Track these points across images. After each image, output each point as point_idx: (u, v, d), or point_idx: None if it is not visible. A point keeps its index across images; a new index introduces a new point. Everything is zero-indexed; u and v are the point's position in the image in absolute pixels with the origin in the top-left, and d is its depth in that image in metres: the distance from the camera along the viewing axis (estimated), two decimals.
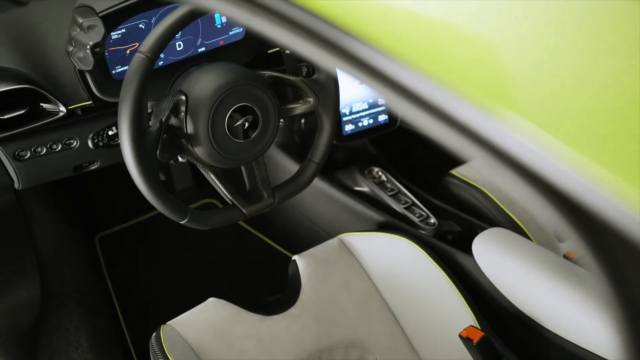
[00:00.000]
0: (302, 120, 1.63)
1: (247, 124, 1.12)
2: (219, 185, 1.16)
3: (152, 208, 2.06)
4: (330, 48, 0.47)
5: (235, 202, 1.16)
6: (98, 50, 1.06)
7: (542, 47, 0.41)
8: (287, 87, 1.28)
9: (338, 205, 1.63)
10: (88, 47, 1.05)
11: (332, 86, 1.20)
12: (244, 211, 1.16)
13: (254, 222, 2.00)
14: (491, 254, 1.28)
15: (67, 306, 1.58)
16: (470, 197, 1.55)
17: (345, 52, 0.46)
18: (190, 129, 1.08)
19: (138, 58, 0.99)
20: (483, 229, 1.44)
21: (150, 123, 1.06)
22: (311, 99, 1.19)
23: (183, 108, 1.07)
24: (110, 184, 2.06)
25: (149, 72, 1.00)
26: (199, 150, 1.10)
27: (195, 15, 1.02)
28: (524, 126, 0.41)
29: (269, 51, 1.37)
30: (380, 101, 1.61)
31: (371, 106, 1.61)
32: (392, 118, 1.64)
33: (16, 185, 1.27)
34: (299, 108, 1.20)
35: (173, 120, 1.08)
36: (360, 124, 1.61)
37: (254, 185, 1.20)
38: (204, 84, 1.08)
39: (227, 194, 1.16)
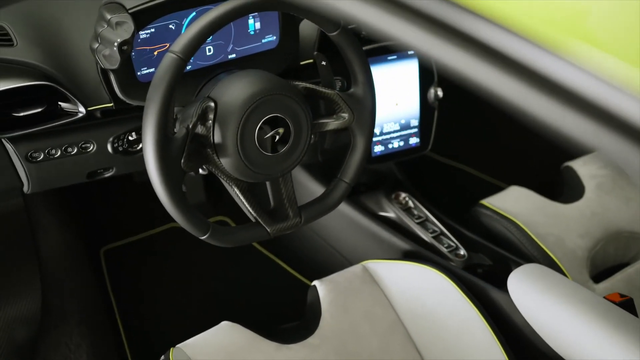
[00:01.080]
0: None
1: (277, 137, 1.06)
2: (243, 200, 1.10)
3: (160, 223, 2.04)
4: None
5: (260, 220, 1.10)
6: (125, 48, 1.00)
7: None
8: (321, 100, 1.22)
9: (361, 230, 1.56)
10: (115, 44, 0.99)
11: (369, 102, 1.15)
12: (268, 230, 1.10)
13: (268, 243, 1.94)
14: (528, 291, 1.21)
15: (68, 322, 1.51)
16: (503, 229, 1.49)
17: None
18: (217, 138, 1.02)
19: (169, 58, 0.94)
20: (517, 263, 1.38)
21: (176, 130, 1.01)
22: (346, 115, 1.14)
23: (211, 116, 1.02)
24: (118, 195, 2.00)
25: (180, 74, 0.95)
26: (224, 162, 1.04)
27: (233, 17, 0.97)
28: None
29: (302, 62, 1.32)
30: (413, 123, 1.56)
31: (403, 127, 1.55)
32: (424, 141, 1.59)
33: (25, 188, 1.21)
34: (332, 124, 1.15)
35: (199, 128, 1.03)
36: (390, 146, 1.55)
37: (280, 202, 1.14)
38: (235, 91, 1.03)
39: (251, 210, 1.10)
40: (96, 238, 1.94)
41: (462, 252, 1.45)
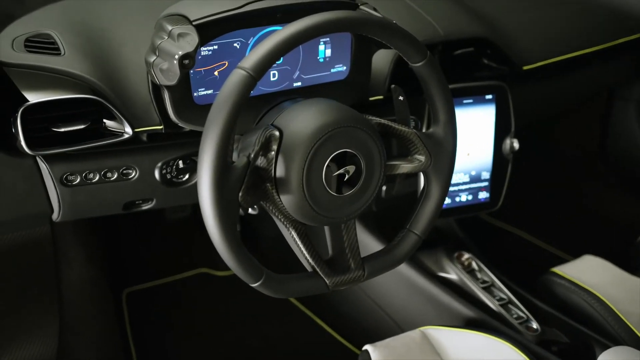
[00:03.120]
0: (384, 188, 1.47)
1: (347, 176, 0.96)
2: (301, 246, 0.99)
3: (190, 267, 1.93)
4: None
5: (318, 270, 0.99)
6: (187, 62, 0.92)
7: None
8: (393, 139, 1.13)
9: (417, 292, 1.44)
10: (176, 57, 0.91)
11: (449, 144, 1.05)
12: (327, 282, 0.99)
13: (308, 300, 1.81)
14: None
15: None
16: (581, 302, 1.35)
17: None
18: (280, 171, 0.92)
19: (238, 75, 0.85)
20: (601, 344, 1.24)
21: (235, 159, 0.91)
22: (422, 157, 1.03)
23: (275, 146, 0.92)
24: (148, 233, 1.91)
25: (248, 94, 0.85)
26: (285, 199, 0.94)
27: (314, 34, 0.88)
28: None
29: (371, 98, 1.23)
30: (484, 176, 1.44)
31: (473, 180, 1.44)
32: (494, 197, 1.47)
33: (55, 215, 1.12)
34: (405, 166, 1.04)
35: (260, 160, 0.93)
36: (457, 199, 1.44)
37: (340, 251, 1.03)
38: (304, 120, 0.94)
39: (309, 258, 0.98)
40: (120, 278, 1.83)
41: (535, 325, 1.32)
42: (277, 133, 0.93)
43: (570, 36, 1.52)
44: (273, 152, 0.92)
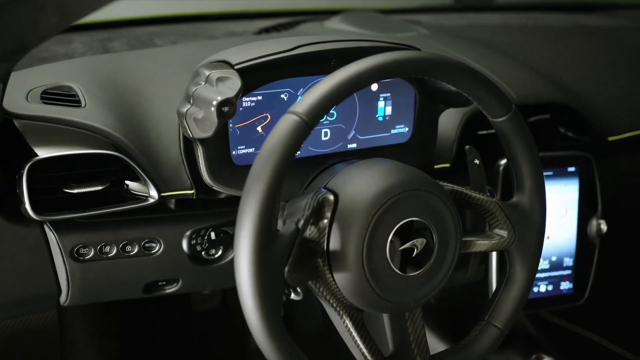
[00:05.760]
0: None
1: (416, 251, 0.82)
2: (357, 338, 0.85)
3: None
4: None
5: None
6: (227, 110, 0.81)
7: None
8: (466, 211, 0.99)
9: None
10: (214, 103, 0.80)
11: (538, 216, 0.91)
12: None
13: None
14: None
15: None
16: None
17: None
18: (334, 244, 0.79)
19: (290, 121, 0.73)
20: None
21: (280, 227, 0.78)
22: (504, 232, 0.89)
23: (328, 213, 0.80)
24: (170, 323, 1.76)
25: (301, 143, 0.73)
26: (340, 278, 0.80)
27: (377, 76, 0.77)
28: None
29: (436, 166, 1.10)
30: (566, 262, 1.29)
31: (553, 267, 1.29)
32: (579, 288, 1.31)
33: (62, 298, 0.99)
34: (482, 243, 0.91)
35: (310, 229, 0.80)
36: (535, 289, 1.28)
37: (404, 346, 0.89)
38: (364, 182, 0.82)
39: (367, 353, 0.84)
40: None
41: None
42: (331, 197, 0.80)
43: None
44: (326, 220, 0.80)
